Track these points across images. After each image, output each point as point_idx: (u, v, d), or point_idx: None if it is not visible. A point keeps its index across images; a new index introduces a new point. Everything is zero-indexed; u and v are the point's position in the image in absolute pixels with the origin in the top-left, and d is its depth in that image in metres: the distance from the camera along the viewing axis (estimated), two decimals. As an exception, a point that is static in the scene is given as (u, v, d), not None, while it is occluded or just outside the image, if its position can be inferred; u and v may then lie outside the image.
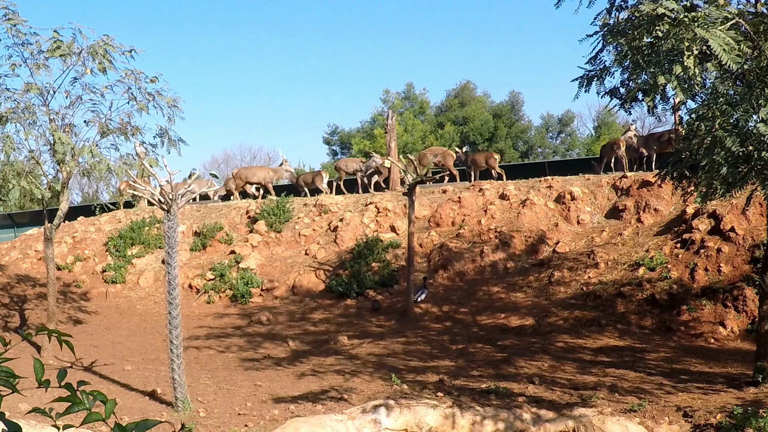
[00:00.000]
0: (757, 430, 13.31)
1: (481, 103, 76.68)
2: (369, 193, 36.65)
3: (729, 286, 23.63)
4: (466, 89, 78.12)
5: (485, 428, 15.06)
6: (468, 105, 76.06)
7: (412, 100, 77.35)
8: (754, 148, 13.68)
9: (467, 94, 77.65)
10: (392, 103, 75.88)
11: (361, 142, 71.26)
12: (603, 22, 14.58)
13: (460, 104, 76.41)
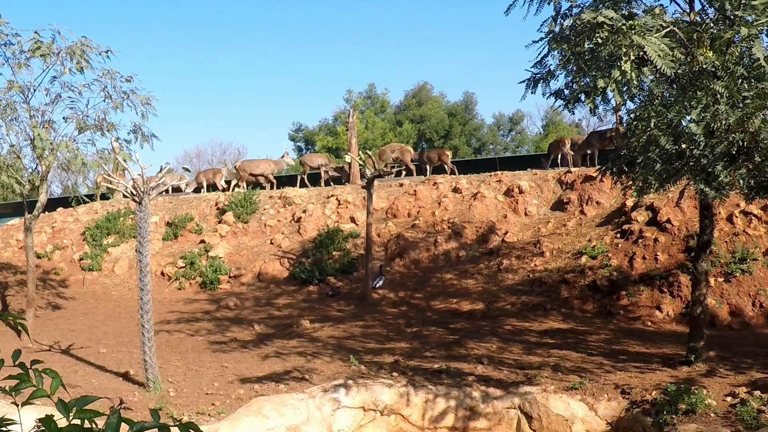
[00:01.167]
0: (689, 405, 13.50)
1: (437, 103, 77.00)
2: (330, 186, 36.74)
3: (665, 273, 23.89)
4: (423, 90, 78.41)
5: (437, 406, 15.19)
6: (425, 104, 76.38)
7: (373, 99, 77.49)
8: (687, 147, 13.87)
9: (424, 94, 77.96)
10: (354, 102, 76.16)
11: (324, 139, 71.45)
12: (549, 29, 14.69)
13: (417, 104, 76.70)
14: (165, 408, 13.67)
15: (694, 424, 13.06)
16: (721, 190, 13.88)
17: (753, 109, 12.71)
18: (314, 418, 14.10)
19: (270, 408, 13.63)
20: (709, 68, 13.21)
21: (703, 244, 16.79)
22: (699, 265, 16.87)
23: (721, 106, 12.94)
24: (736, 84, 13.28)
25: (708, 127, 13.34)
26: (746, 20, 12.69)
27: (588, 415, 14.73)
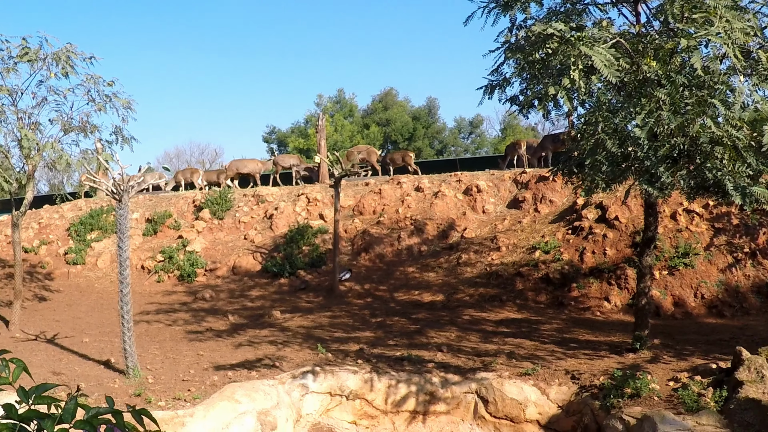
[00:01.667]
0: (635, 390, 13.65)
1: (402, 107, 77.17)
2: (301, 185, 36.78)
3: (613, 267, 24.09)
4: (389, 95, 78.47)
5: (399, 391, 15.25)
6: (391, 109, 76.53)
7: (342, 104, 77.57)
8: (632, 150, 14.01)
9: (390, 99, 78.06)
10: (324, 106, 76.29)
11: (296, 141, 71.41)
12: (505, 39, 14.78)
13: (384, 108, 76.82)
14: (144, 394, 13.65)
15: (638, 407, 13.19)
16: (663, 190, 14.00)
17: (693, 115, 12.85)
18: (284, 402, 14.14)
19: (242, 393, 13.65)
20: (653, 77, 13.33)
21: (647, 239, 16.96)
22: (644, 259, 17.05)
23: (663, 112, 13.07)
24: (677, 92, 13.41)
25: (651, 131, 13.47)
26: (687, 32, 12.84)
27: (540, 399, 14.84)
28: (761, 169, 14.19)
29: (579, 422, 14.24)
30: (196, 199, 34.92)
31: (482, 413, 15.00)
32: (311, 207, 32.74)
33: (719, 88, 13.16)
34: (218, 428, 12.60)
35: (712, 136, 12.93)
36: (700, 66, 12.49)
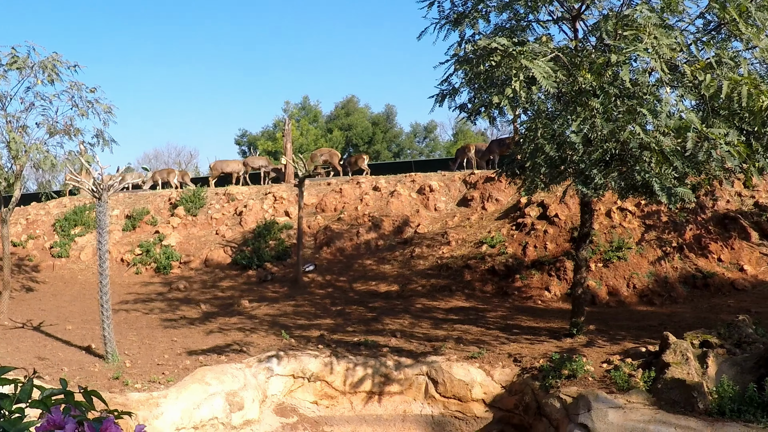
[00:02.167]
0: (571, 371, 13.80)
1: (362, 113, 77.21)
2: (268, 185, 36.80)
3: (553, 260, 24.28)
4: (351, 102, 78.50)
5: (356, 373, 15.32)
6: (352, 115, 76.57)
7: (307, 110, 77.41)
8: (568, 153, 14.15)
9: (352, 105, 78.06)
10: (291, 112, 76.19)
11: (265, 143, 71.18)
12: (455, 52, 14.85)
13: (346, 114, 76.83)
14: (122, 377, 13.64)
15: (575, 387, 13.34)
16: (597, 190, 14.17)
17: (624, 123, 13.00)
18: (250, 384, 14.16)
19: (212, 376, 13.67)
20: (588, 88, 13.46)
21: (583, 235, 17.13)
22: (580, 252, 17.23)
23: (597, 120, 13.22)
24: (610, 101, 13.57)
25: (586, 137, 13.62)
26: (619, 48, 12.98)
27: (485, 380, 14.96)
28: (686, 171, 14.37)
29: (521, 401, 14.38)
30: (171, 197, 34.81)
31: (432, 393, 15.11)
32: (277, 205, 32.71)
33: (647, 98, 13.33)
34: (190, 409, 12.61)
35: (641, 142, 13.08)
36: (628, 79, 12.65)
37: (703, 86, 13.04)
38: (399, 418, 15.04)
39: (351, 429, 14.85)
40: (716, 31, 14.99)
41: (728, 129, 13.38)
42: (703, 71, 13.31)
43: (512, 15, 15.51)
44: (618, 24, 13.42)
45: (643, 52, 12.75)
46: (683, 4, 14.42)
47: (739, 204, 26.61)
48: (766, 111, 12.72)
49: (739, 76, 12.92)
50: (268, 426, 13.92)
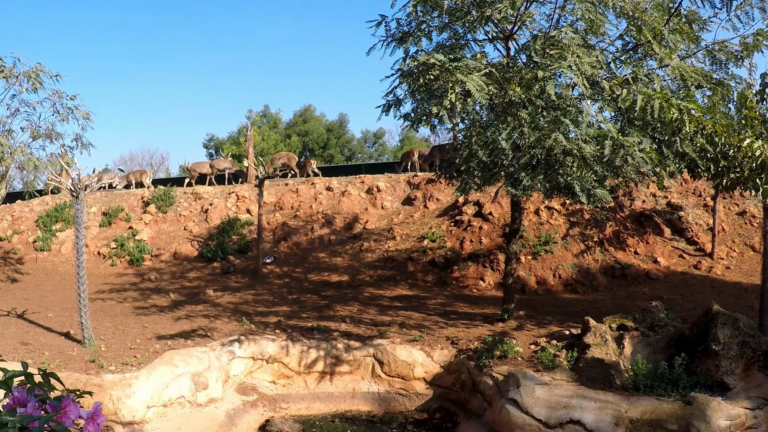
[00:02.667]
0: (502, 352, 13.96)
1: (318, 121, 77.08)
2: (232, 185, 36.66)
3: (487, 253, 24.47)
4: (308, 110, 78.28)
5: (310, 355, 15.36)
6: (309, 122, 76.44)
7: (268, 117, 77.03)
8: (499, 158, 14.29)
9: (309, 113, 77.87)
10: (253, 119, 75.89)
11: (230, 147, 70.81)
12: (399, 67, 14.91)
13: (303, 121, 76.64)
14: (97, 360, 13.56)
15: (506, 366, 13.48)
16: (524, 191, 14.33)
17: (548, 132, 13.13)
18: (214, 366, 14.14)
19: (179, 359, 13.63)
20: (517, 100, 13.59)
21: (513, 231, 17.30)
22: (511, 247, 17.41)
23: (525, 129, 13.37)
24: (537, 112, 13.72)
25: (515, 144, 13.78)
26: (545, 65, 13.13)
27: (426, 360, 15.07)
28: (605, 175, 14.60)
29: (458, 379, 14.51)
30: (144, 196, 34.55)
31: (379, 373, 15.19)
32: (240, 203, 32.59)
33: (570, 110, 13.50)
34: (159, 388, 12.58)
35: (564, 149, 13.21)
36: (553, 92, 12.79)
37: (620, 100, 13.22)
38: (349, 395, 15.09)
39: (305, 406, 14.88)
40: (633, 51, 15.22)
41: (642, 138, 13.58)
42: (621, 86, 13.51)
43: (452, 34, 15.60)
44: (545, 44, 13.58)
45: (567, 69, 12.90)
46: (604, 27, 14.65)
47: (653, 203, 27.03)
48: (676, 122, 12.92)
49: (652, 91, 13.10)
50: (230, 404, 13.90)
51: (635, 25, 14.52)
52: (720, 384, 12.34)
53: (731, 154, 13.71)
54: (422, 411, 14.68)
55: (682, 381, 12.37)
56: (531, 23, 14.81)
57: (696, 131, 13.51)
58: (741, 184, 13.73)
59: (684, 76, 14.29)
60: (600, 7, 14.36)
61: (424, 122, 15.06)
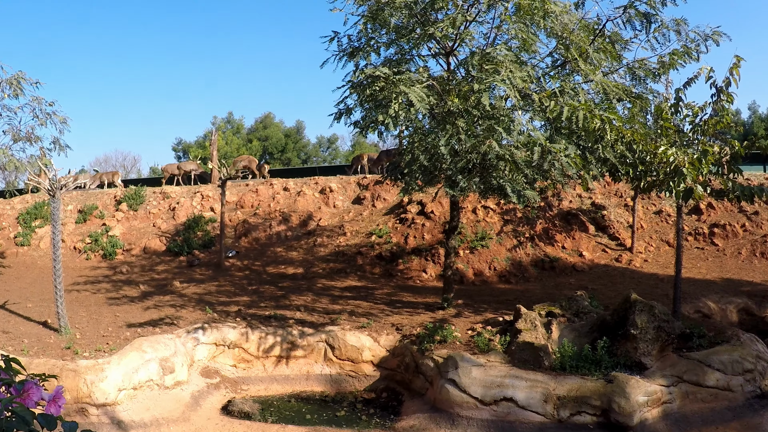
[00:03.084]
0: (442, 337, 14.10)
1: (277, 127, 76.85)
2: (197, 185, 36.43)
3: (429, 247, 24.61)
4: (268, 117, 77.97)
5: (268, 341, 15.37)
6: (269, 128, 76.19)
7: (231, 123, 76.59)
8: (438, 163, 14.44)
9: (269, 120, 77.58)
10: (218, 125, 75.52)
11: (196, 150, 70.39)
12: (350, 79, 14.97)
13: (263, 127, 76.38)
14: (72, 347, 13.43)
15: (445, 349, 13.61)
16: (462, 192, 14.50)
17: (483, 138, 13.29)
18: (180, 351, 14.08)
19: (148, 345, 13.56)
20: (455, 110, 13.72)
21: (452, 227, 17.45)
22: (450, 242, 17.55)
23: (462, 136, 13.52)
24: (473, 121, 13.89)
25: (453, 149, 13.92)
26: (481, 79, 13.29)
27: (373, 345, 15.17)
28: (535, 177, 14.82)
29: (402, 362, 14.61)
30: (116, 195, 34.15)
31: (330, 357, 15.24)
32: (204, 202, 32.36)
33: (503, 119, 13.66)
34: (129, 372, 12.52)
35: (497, 154, 13.39)
36: (488, 103, 12.97)
37: (548, 110, 13.41)
38: (303, 377, 15.12)
39: (264, 387, 14.87)
40: (561, 67, 15.45)
41: (568, 144, 13.80)
42: (549, 98, 13.69)
43: (398, 50, 15.68)
44: (482, 59, 13.72)
45: (500, 83, 13.06)
46: (536, 45, 14.84)
47: (579, 203, 27.42)
48: (599, 131, 13.15)
49: (577, 103, 13.30)
50: (195, 386, 13.86)
51: (563, 44, 14.76)
52: (638, 364, 12.65)
53: (648, 159, 13.96)
54: (370, 391, 14.75)
55: (604, 362, 12.66)
56: (470, 41, 14.93)
57: (616, 139, 13.78)
58: (657, 186, 13.99)
59: (606, 90, 14.58)
60: (532, 27, 14.54)
61: (371, 129, 15.14)
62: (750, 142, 14.24)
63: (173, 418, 12.33)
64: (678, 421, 11.66)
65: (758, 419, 11.76)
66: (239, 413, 13.27)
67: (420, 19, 14.45)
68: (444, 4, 14.15)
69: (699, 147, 13.81)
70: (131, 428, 11.73)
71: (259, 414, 13.37)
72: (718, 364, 12.39)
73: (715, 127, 14.01)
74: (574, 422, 11.60)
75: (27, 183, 35.86)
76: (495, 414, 11.86)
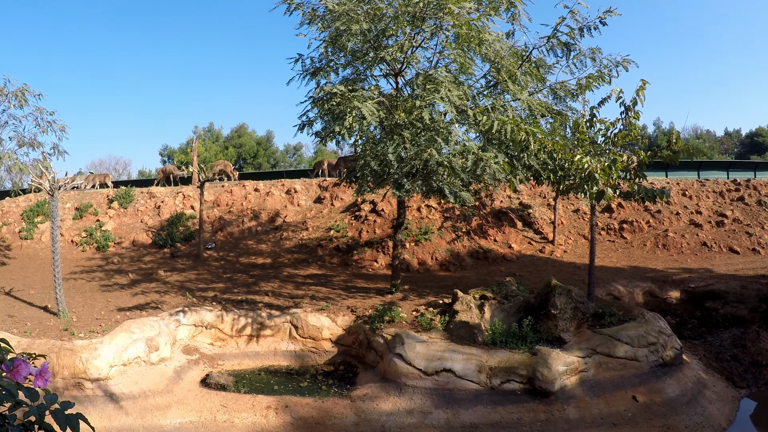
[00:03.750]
0: (391, 317, 14.13)
1: (250, 136, 76.50)
2: (180, 186, 36.05)
3: (380, 241, 24.64)
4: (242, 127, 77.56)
5: (240, 322, 15.26)
6: (243, 136, 75.85)
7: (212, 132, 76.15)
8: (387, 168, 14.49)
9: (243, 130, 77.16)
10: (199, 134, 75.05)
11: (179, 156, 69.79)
12: (312, 95, 14.92)
13: (238, 136, 75.98)
14: (69, 329, 13.24)
15: (393, 328, 13.66)
16: (407, 193, 14.56)
17: (425, 147, 13.37)
18: (164, 332, 13.92)
19: (135, 327, 13.39)
20: (401, 123, 13.79)
21: (399, 224, 17.50)
22: (397, 236, 17.60)
23: (407, 145, 13.57)
24: (416, 133, 13.95)
25: (399, 156, 13.95)
26: (422, 96, 13.39)
27: (332, 325, 15.15)
28: (470, 181, 14.95)
29: (356, 339, 14.63)
30: (109, 194, 33.61)
31: (295, 335, 15.18)
32: (186, 201, 32.02)
33: (442, 131, 13.73)
34: (119, 351, 12.37)
35: (437, 161, 13.51)
36: (428, 117, 13.05)
37: (481, 124, 13.54)
38: (271, 353, 15.05)
39: (237, 362, 14.77)
40: (493, 87, 15.57)
41: (498, 153, 13.96)
42: (482, 114, 13.84)
43: (354, 70, 15.65)
44: (425, 80, 13.80)
45: (439, 100, 13.17)
46: (472, 68, 14.95)
47: (509, 203, 27.74)
48: (524, 142, 13.32)
49: (506, 118, 13.47)
50: (177, 362, 13.72)
51: (496, 67, 14.88)
52: (558, 339, 12.86)
53: (566, 166, 14.21)
54: (329, 364, 14.70)
55: (529, 337, 12.85)
56: (416, 63, 14.97)
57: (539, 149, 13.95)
58: (574, 189, 14.22)
59: (531, 108, 14.73)
60: (469, 53, 14.66)
61: (329, 138, 15.13)
62: (653, 152, 14.53)
63: (158, 390, 12.22)
64: (593, 387, 11.91)
65: (660, 384, 12.21)
66: (216, 385, 13.19)
67: (373, 45, 14.46)
68: (393, 31, 14.19)
69: (610, 156, 14.09)
70: (122, 400, 11.61)
71: (233, 386, 13.30)
72: (627, 338, 12.76)
73: (624, 139, 14.31)
74: (504, 389, 11.74)
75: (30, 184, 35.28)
76: (436, 383, 11.94)
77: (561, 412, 11.36)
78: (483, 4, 14.26)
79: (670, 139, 14.48)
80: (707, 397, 12.56)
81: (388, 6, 14.05)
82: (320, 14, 14.53)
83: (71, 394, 11.43)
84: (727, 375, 14.14)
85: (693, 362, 13.92)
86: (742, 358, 14.91)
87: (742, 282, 19.13)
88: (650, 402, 11.80)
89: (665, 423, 11.41)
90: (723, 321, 17.18)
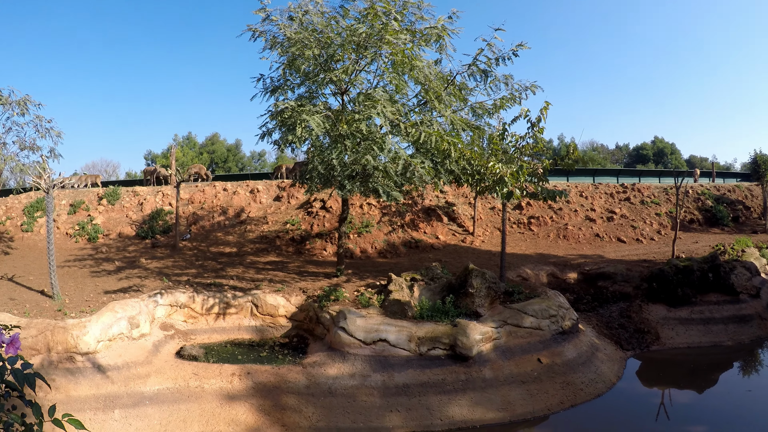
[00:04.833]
0: (336, 297, 14.01)
1: (222, 144, 75.43)
2: (160, 186, 35.22)
3: (328, 232, 24.45)
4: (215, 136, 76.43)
5: (209, 302, 14.93)
6: (215, 144, 74.78)
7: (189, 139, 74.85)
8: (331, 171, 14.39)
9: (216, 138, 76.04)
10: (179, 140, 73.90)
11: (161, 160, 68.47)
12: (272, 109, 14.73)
13: (212, 143, 74.87)
14: (62, 309, 12.78)
15: (337, 306, 13.54)
16: (349, 192, 14.49)
17: (363, 154, 13.31)
18: (144, 311, 13.51)
19: (119, 307, 12.97)
20: (344, 133, 13.67)
21: (343, 218, 17.35)
22: (342, 228, 17.46)
23: (348, 152, 13.51)
24: (356, 142, 13.86)
25: (342, 161, 13.87)
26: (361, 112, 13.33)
27: (287, 304, 14.94)
28: (402, 183, 14.96)
29: (307, 315, 14.47)
30: (99, 193, 32.55)
31: (255, 313, 14.93)
32: (165, 198, 31.25)
33: (378, 141, 13.68)
34: (105, 328, 11.99)
35: (373, 166, 13.46)
36: (365, 129, 13.00)
37: (410, 135, 13.58)
38: (236, 328, 14.78)
39: (207, 336, 14.45)
40: (423, 106, 15.59)
41: (424, 159, 14.02)
42: (413, 127, 13.84)
43: (308, 89, 15.50)
44: (365, 98, 13.74)
45: (376, 115, 13.12)
46: (405, 89, 15.03)
47: (437, 201, 27.84)
48: (447, 151, 13.41)
49: (432, 130, 13.51)
50: (155, 337, 13.33)
51: (425, 89, 14.91)
52: (475, 313, 12.97)
53: (482, 171, 14.36)
54: (285, 337, 14.53)
55: (451, 312, 12.91)
56: (359, 84, 14.92)
57: (460, 157, 14.07)
58: (488, 190, 14.42)
59: (454, 123, 14.84)
60: (403, 77, 14.75)
61: (284, 145, 15.02)
62: (554, 161, 14.80)
63: (139, 362, 11.90)
64: (504, 352, 12.13)
65: (560, 348, 12.63)
66: (189, 356, 12.91)
67: (323, 68, 14.33)
68: (340, 57, 14.13)
69: (518, 163, 14.30)
70: (108, 370, 11.29)
71: (203, 356, 13.04)
72: (532, 311, 13.00)
73: (531, 149, 14.54)
74: (431, 355, 11.78)
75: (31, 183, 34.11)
76: (374, 351, 11.90)
77: (478, 373, 11.54)
78: (416, 36, 14.25)
79: (569, 150, 14.74)
80: (599, 358, 13.13)
81: (337, 36, 13.96)
82: (280, 41, 14.32)
83: (65, 366, 11.12)
84: (615, 340, 14.77)
85: (588, 330, 14.36)
86: (627, 326, 15.57)
87: (627, 265, 19.66)
88: (552, 363, 12.21)
89: (565, 380, 11.88)
90: (612, 297, 17.62)
